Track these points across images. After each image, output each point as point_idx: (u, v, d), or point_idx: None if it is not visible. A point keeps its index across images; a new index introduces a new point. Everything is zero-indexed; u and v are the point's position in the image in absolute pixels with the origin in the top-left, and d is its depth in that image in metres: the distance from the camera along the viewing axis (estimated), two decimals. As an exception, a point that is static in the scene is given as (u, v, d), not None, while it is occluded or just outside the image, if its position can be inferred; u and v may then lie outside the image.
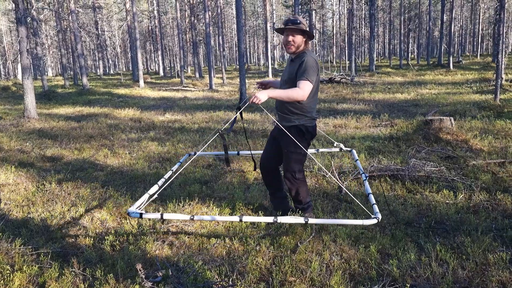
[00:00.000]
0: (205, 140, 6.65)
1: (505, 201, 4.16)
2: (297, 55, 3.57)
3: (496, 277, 2.81)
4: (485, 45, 58.79)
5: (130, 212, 3.20)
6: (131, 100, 17.58)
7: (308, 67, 3.39)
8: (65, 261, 3.31)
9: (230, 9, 54.50)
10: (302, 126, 3.60)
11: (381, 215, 3.21)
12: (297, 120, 3.59)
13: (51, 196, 4.87)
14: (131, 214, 3.20)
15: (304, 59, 3.43)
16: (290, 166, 3.68)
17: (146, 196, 3.56)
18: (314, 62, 3.44)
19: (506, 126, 7.72)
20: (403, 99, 13.70)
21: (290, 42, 3.52)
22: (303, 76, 3.38)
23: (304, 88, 3.36)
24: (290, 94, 3.37)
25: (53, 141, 8.41)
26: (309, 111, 3.60)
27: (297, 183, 3.72)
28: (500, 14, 11.41)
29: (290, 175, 3.69)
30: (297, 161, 3.66)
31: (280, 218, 3.22)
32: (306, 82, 3.37)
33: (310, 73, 3.39)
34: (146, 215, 3.22)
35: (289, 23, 3.50)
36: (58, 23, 28.83)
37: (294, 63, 3.57)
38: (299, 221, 3.22)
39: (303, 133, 3.61)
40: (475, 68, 27.56)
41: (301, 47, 3.56)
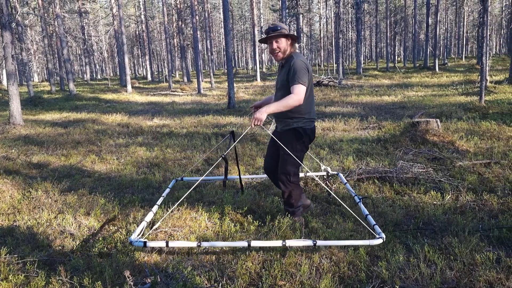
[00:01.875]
0: (194, 164, 6.60)
1: (491, 201, 4.21)
2: (285, 60, 3.60)
3: (484, 276, 2.83)
4: (470, 47, 59.67)
5: (133, 241, 3.20)
6: (118, 105, 17.46)
7: (297, 70, 3.41)
8: (52, 269, 3.26)
9: (217, 13, 54.56)
10: (300, 129, 3.62)
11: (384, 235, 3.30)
12: (295, 123, 3.62)
13: (37, 204, 4.80)
14: (134, 243, 3.20)
15: (292, 63, 3.46)
16: (285, 169, 3.68)
17: (144, 224, 3.57)
18: (302, 63, 3.46)
19: (491, 127, 7.83)
20: (390, 102, 13.83)
21: (276, 49, 3.56)
22: (294, 80, 3.40)
23: (299, 92, 3.39)
24: (286, 103, 3.38)
25: (39, 148, 8.30)
26: (306, 112, 3.62)
27: (291, 186, 3.73)
28: (483, 17, 11.60)
29: (284, 178, 3.70)
30: (293, 164, 3.67)
31: (288, 242, 3.24)
32: (299, 86, 3.39)
33: (300, 75, 3.41)
34: (150, 243, 3.23)
35: (270, 32, 3.54)
36: (44, 28, 28.54)
37: (284, 68, 3.60)
38: (308, 244, 3.24)
39: (301, 135, 3.63)
40: (460, 70, 27.93)
41: (287, 51, 3.59)
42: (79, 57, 54.64)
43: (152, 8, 51.52)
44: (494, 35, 59.28)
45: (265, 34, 3.58)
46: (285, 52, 3.58)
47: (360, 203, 4.00)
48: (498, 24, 56.60)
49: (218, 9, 52.38)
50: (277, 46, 3.54)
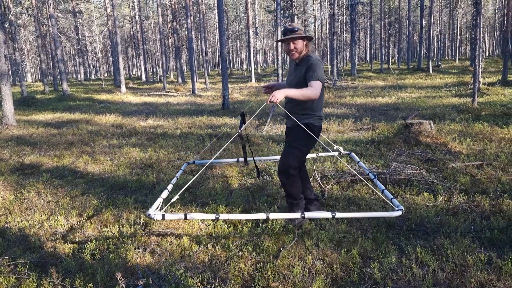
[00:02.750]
0: (206, 146, 6.57)
1: (483, 203, 4.24)
2: (302, 59, 3.71)
3: (475, 278, 2.85)
4: (463, 49, 60.02)
5: (151, 215, 3.15)
6: (112, 105, 17.39)
7: (316, 68, 3.54)
8: (44, 271, 3.24)
9: (212, 14, 54.53)
10: (310, 125, 3.71)
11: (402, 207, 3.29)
12: (306, 119, 3.71)
13: (29, 205, 4.77)
14: (153, 216, 3.14)
15: (311, 62, 3.58)
16: (287, 160, 3.68)
17: (160, 200, 3.54)
18: (319, 63, 3.58)
19: (484, 129, 7.88)
20: (384, 103, 13.88)
21: (292, 50, 3.67)
22: (312, 77, 3.53)
23: (317, 87, 3.50)
24: (304, 93, 3.46)
25: (32, 148, 8.25)
26: (316, 110, 3.74)
27: (292, 179, 3.73)
28: (476, 20, 11.67)
29: (283, 169, 3.69)
30: (297, 157, 3.70)
31: (308, 214, 3.27)
32: (317, 82, 3.51)
33: (318, 73, 3.54)
34: (168, 215, 3.19)
35: (288, 33, 3.65)
36: (37, 28, 28.38)
37: (300, 67, 3.69)
38: (327, 216, 3.26)
39: (310, 130, 3.69)
40: (453, 72, 28.10)
41: (303, 52, 3.69)
42: (73, 57, 54.37)
43: (147, 9, 51.41)
44: (487, 37, 59.71)
45: (282, 34, 3.70)
46: (301, 53, 3.69)
47: (376, 179, 4.06)
48: (491, 26, 57.03)
49: (213, 10, 52.36)
50: (294, 47, 3.66)
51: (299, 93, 3.46)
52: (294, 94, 3.46)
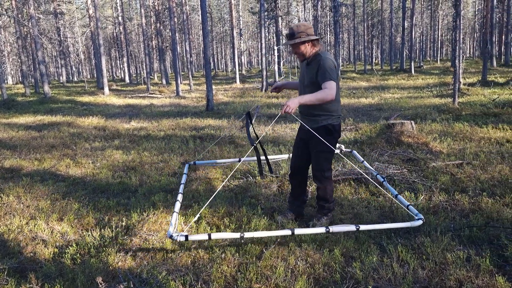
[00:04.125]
0: (208, 148, 6.55)
1: (462, 201, 4.31)
2: (312, 58, 3.64)
3: (454, 275, 2.90)
4: (445, 50, 61.02)
5: (173, 236, 3.12)
6: (95, 108, 17.20)
7: (327, 68, 3.48)
8: (23, 276, 3.18)
9: (196, 16, 54.35)
10: (330, 126, 3.70)
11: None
12: (324, 120, 3.69)
13: (8, 210, 4.68)
14: (175, 238, 3.11)
15: (321, 62, 3.51)
16: (320, 165, 3.74)
17: (176, 215, 3.51)
18: (331, 62, 3.52)
19: (464, 129, 8.01)
20: (367, 104, 14.01)
21: (296, 55, 3.67)
22: (325, 77, 3.47)
23: (332, 87, 3.43)
24: (320, 96, 3.41)
25: (12, 152, 8.10)
26: (334, 109, 3.70)
27: (326, 181, 3.80)
28: (456, 21, 11.88)
29: (319, 174, 3.76)
30: (326, 159, 3.75)
31: (332, 228, 3.27)
32: (331, 82, 3.44)
33: (330, 73, 3.48)
34: (192, 236, 3.16)
35: (286, 38, 3.60)
36: (18, 29, 27.90)
37: (311, 66, 3.63)
38: (351, 229, 3.27)
39: (332, 132, 3.71)
40: (435, 72, 28.54)
41: (311, 52, 3.63)
42: (54, 59, 53.58)
43: (130, 10, 50.98)
44: (468, 38, 60.82)
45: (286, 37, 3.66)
46: (306, 54, 3.64)
47: (385, 182, 4.09)
48: (471, 28, 58.11)
49: (197, 11, 52.20)
50: (296, 51, 3.64)
51: (314, 98, 3.40)
52: (309, 99, 3.41)
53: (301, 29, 3.56)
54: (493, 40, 27.04)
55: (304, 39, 3.55)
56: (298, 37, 3.56)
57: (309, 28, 3.60)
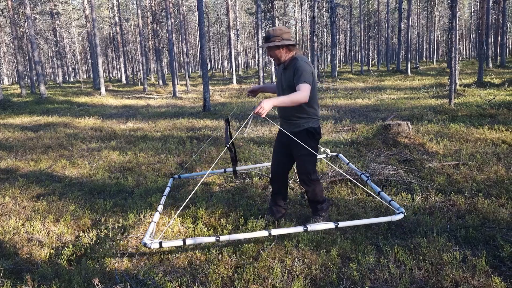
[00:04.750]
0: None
1: (458, 202, 4.33)
2: (289, 62, 3.64)
3: (450, 276, 2.91)
4: (441, 51, 61.23)
5: (147, 244, 3.11)
6: (92, 108, 17.16)
7: (302, 72, 3.48)
8: (19, 278, 3.17)
9: (193, 16, 54.30)
10: (311, 129, 3.70)
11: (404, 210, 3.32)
12: (305, 123, 3.69)
13: (4, 211, 4.66)
14: (149, 245, 3.10)
15: (297, 65, 3.52)
16: (304, 169, 3.74)
17: (153, 225, 3.48)
18: (306, 65, 3.52)
19: (460, 129, 8.04)
20: (364, 104, 14.04)
21: (271, 57, 3.69)
22: (300, 80, 3.47)
23: (305, 89, 3.43)
24: (293, 98, 3.39)
25: (8, 153, 8.07)
26: (313, 112, 3.71)
27: (314, 184, 3.79)
28: (452, 23, 11.92)
29: (305, 177, 3.75)
30: (311, 162, 3.74)
31: (311, 226, 3.26)
32: (304, 85, 3.45)
33: (305, 76, 3.47)
34: (166, 243, 3.14)
35: (263, 41, 3.65)
36: (14, 29, 27.81)
37: (288, 70, 3.64)
38: (330, 226, 3.28)
39: (313, 134, 3.72)
40: (431, 73, 28.64)
41: (286, 57, 3.64)
42: (51, 59, 53.42)
43: (127, 10, 50.91)
44: (464, 39, 61.03)
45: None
46: (281, 59, 3.64)
47: (369, 181, 4.07)
48: (467, 29, 58.32)
49: (193, 12, 52.15)
50: (270, 54, 3.66)
51: (288, 99, 3.38)
52: (283, 101, 3.39)
53: (276, 33, 3.56)
54: (489, 41, 27.16)
55: (278, 43, 3.55)
56: (272, 40, 3.57)
57: (285, 32, 3.59)
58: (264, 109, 3.19)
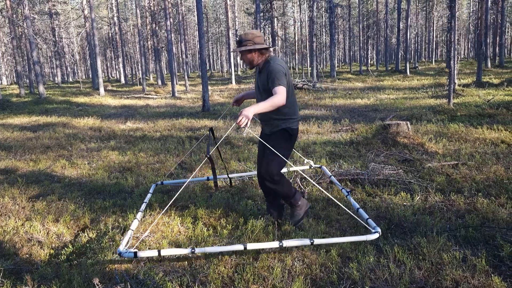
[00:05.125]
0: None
1: (458, 202, 4.33)
2: (262, 66, 3.66)
3: (450, 275, 2.91)
4: (440, 51, 61.31)
5: (122, 252, 3.09)
6: (91, 108, 17.14)
7: (275, 74, 3.48)
8: (18, 278, 3.17)
9: (192, 16, 54.27)
10: (289, 129, 3.71)
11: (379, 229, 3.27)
12: (283, 124, 3.70)
13: (4, 211, 4.66)
14: (123, 254, 3.08)
15: (270, 68, 3.52)
16: (270, 168, 3.64)
17: (130, 232, 3.46)
18: (278, 67, 3.52)
19: (459, 129, 8.05)
20: (363, 104, 14.05)
21: (243, 61, 3.70)
22: (274, 83, 3.47)
23: (281, 92, 3.44)
24: (272, 103, 3.40)
25: (7, 153, 8.06)
26: (291, 113, 3.71)
27: (277, 183, 3.70)
28: (451, 22, 11.94)
29: (268, 178, 3.67)
30: (279, 163, 3.67)
31: (285, 242, 3.18)
32: (280, 87, 3.45)
33: (279, 78, 3.48)
34: (141, 253, 3.11)
35: (236, 45, 3.62)
36: (12, 29, 27.75)
37: (262, 74, 3.66)
38: (305, 243, 3.17)
39: (289, 135, 3.72)
40: (430, 73, 28.67)
41: (258, 60, 3.65)
42: (49, 59, 53.31)
43: (125, 10, 50.88)
44: (462, 39, 61.12)
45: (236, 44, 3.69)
46: (253, 62, 3.65)
47: (349, 196, 4.03)
48: (466, 29, 58.39)
49: (192, 12, 52.12)
50: (242, 58, 3.66)
51: (267, 104, 3.39)
52: (263, 108, 3.39)
53: (248, 37, 3.57)
54: (487, 41, 27.20)
55: (250, 48, 3.55)
56: (244, 45, 3.58)
57: (257, 36, 3.59)
58: (247, 117, 3.22)
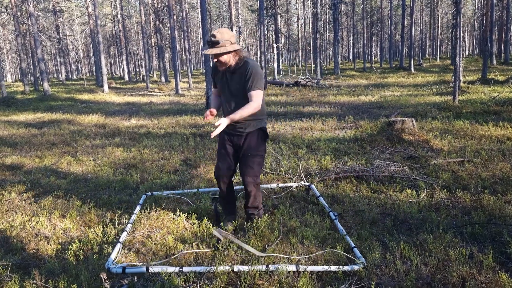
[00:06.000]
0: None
1: (464, 199, 4.32)
2: (235, 66, 3.50)
3: (457, 272, 2.90)
4: (444, 48, 61.01)
5: (111, 267, 3.07)
6: (95, 105, 17.18)
7: (256, 77, 3.42)
8: (26, 273, 3.19)
9: (195, 13, 54.22)
10: (264, 129, 3.72)
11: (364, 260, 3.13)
12: (258, 123, 3.67)
13: (10, 206, 4.68)
14: (112, 269, 3.05)
15: (249, 70, 3.42)
16: (254, 170, 3.63)
17: (119, 246, 3.44)
18: (258, 69, 3.47)
19: (464, 126, 8.02)
20: (367, 101, 14.02)
21: (218, 63, 3.46)
22: (254, 87, 3.42)
23: (258, 98, 3.43)
24: (248, 111, 3.40)
25: (13, 149, 8.10)
26: (263, 113, 3.71)
27: (257, 187, 3.72)
28: (456, 19, 11.87)
29: (253, 180, 3.64)
30: (260, 164, 3.69)
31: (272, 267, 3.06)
32: (258, 92, 3.43)
33: (259, 82, 3.44)
34: (130, 269, 3.08)
35: (208, 45, 3.39)
36: (17, 27, 27.84)
37: (236, 74, 3.51)
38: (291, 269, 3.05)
39: (265, 135, 3.73)
40: (435, 70, 28.55)
41: (234, 61, 3.48)
42: (53, 56, 53.45)
43: (129, 7, 50.87)
44: (467, 36, 60.80)
45: (206, 43, 3.45)
46: (228, 63, 3.47)
47: (336, 221, 3.87)
48: (471, 26, 58.06)
49: (196, 9, 52.05)
50: (218, 59, 3.43)
51: (245, 112, 3.38)
52: (241, 116, 3.38)
53: (225, 37, 3.35)
54: (493, 38, 27.04)
55: (229, 49, 3.36)
56: (223, 45, 3.35)
57: (233, 36, 3.43)
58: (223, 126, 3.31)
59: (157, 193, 4.88)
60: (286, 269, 3.03)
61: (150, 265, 3.13)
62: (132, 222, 3.99)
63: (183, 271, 3.06)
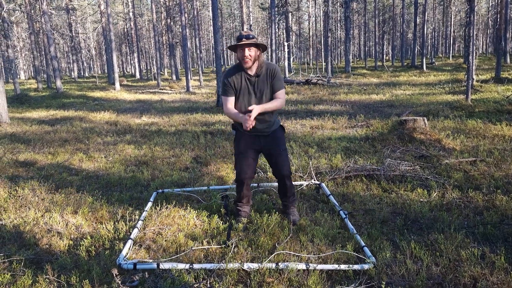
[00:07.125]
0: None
1: (476, 199, 4.28)
2: (260, 68, 3.70)
3: (468, 272, 2.88)
4: (457, 46, 60.30)
5: (122, 264, 3.11)
6: (106, 103, 17.32)
7: (280, 76, 3.77)
8: (39, 268, 3.23)
9: (206, 11, 54.36)
10: (282, 125, 4.04)
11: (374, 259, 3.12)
12: (278, 122, 3.97)
13: (24, 202, 4.75)
14: (123, 265, 3.09)
15: (275, 70, 3.72)
16: (288, 163, 3.93)
17: (130, 242, 3.48)
18: (279, 69, 3.81)
19: (477, 126, 7.93)
20: (378, 100, 13.93)
21: (247, 56, 3.61)
22: (281, 86, 3.75)
23: (284, 96, 3.77)
24: (276, 105, 3.72)
25: (26, 146, 8.21)
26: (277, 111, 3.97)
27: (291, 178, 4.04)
28: (470, 17, 11.73)
29: (289, 172, 3.93)
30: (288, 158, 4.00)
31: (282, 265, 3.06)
32: (283, 90, 3.77)
33: (283, 81, 3.79)
34: (141, 265, 3.12)
35: (243, 38, 3.60)
36: (30, 25, 28.17)
37: (260, 77, 3.71)
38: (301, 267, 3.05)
39: (285, 130, 4.05)
40: (447, 69, 28.24)
41: (258, 60, 3.69)
42: (66, 54, 54.04)
43: (141, 5, 51.15)
44: (481, 34, 60.02)
45: (236, 41, 3.64)
46: (255, 61, 3.66)
47: (347, 219, 3.87)
48: (484, 24, 57.32)
49: (207, 7, 52.18)
50: (249, 54, 3.61)
51: (273, 105, 3.69)
52: (269, 107, 3.67)
53: (255, 35, 3.67)
54: (507, 36, 26.63)
55: (259, 43, 3.62)
56: (254, 40, 3.60)
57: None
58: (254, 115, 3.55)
59: (167, 191, 4.91)
60: (296, 267, 3.04)
61: (161, 262, 3.17)
62: (143, 219, 4.02)
63: (193, 268, 3.08)
